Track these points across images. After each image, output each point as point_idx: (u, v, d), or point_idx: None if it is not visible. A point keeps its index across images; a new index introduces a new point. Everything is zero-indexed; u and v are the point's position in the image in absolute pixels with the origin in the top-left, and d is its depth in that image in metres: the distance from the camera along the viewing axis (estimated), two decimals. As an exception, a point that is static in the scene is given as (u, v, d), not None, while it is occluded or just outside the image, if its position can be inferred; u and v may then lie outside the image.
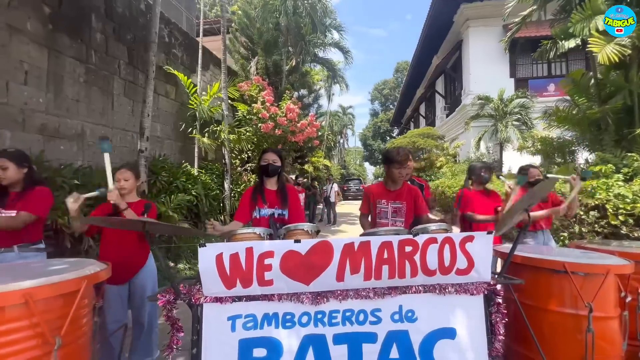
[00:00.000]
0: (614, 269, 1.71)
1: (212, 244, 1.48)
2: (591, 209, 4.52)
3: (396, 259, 1.56)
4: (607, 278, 1.69)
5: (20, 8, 3.72)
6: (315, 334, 1.57)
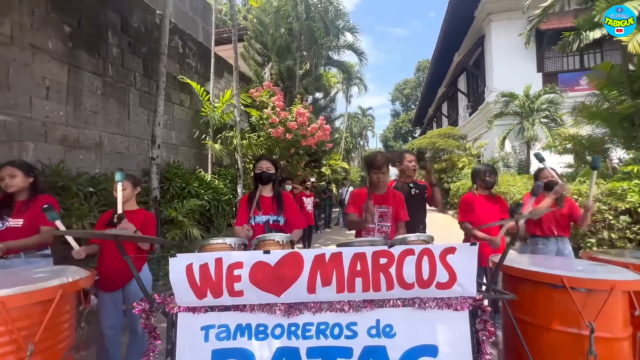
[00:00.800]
0: (621, 285, 1.53)
1: (182, 254, 1.49)
2: (621, 213, 4.14)
3: (370, 272, 1.49)
4: (612, 295, 1.52)
5: (42, 29, 4.01)
6: (289, 347, 1.53)
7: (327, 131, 7.25)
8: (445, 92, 22.08)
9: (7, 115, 3.64)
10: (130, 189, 2.34)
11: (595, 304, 1.55)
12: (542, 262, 2.02)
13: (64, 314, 1.49)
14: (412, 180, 2.94)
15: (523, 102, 11.94)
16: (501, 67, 14.38)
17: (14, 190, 2.26)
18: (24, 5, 3.82)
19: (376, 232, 2.29)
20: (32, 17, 3.90)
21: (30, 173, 2.35)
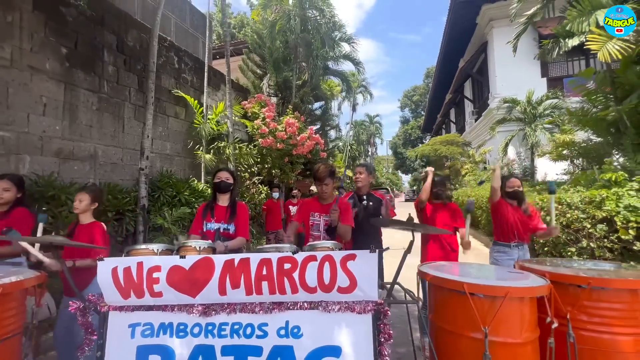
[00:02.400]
0: (514, 292, 1.60)
1: (109, 258, 1.68)
2: (599, 221, 4.09)
3: (275, 276, 1.62)
4: (506, 300, 1.59)
5: (41, 52, 4.39)
6: (205, 345, 1.67)
7: (316, 140, 7.42)
8: (452, 98, 21.94)
9: (5, 131, 4.00)
10: (87, 201, 2.47)
11: (491, 309, 1.62)
12: (455, 269, 2.10)
13: (6, 310, 1.69)
14: (366, 192, 3.05)
15: (524, 107, 11.79)
16: (504, 73, 14.26)
17: (2, 203, 2.51)
18: (24, 30, 4.22)
19: (322, 239, 2.42)
20: (31, 42, 4.29)
21: (21, 188, 2.60)
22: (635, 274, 1.79)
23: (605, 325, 1.73)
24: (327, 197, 2.49)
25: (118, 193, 4.74)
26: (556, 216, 4.65)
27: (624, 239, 3.88)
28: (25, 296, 1.86)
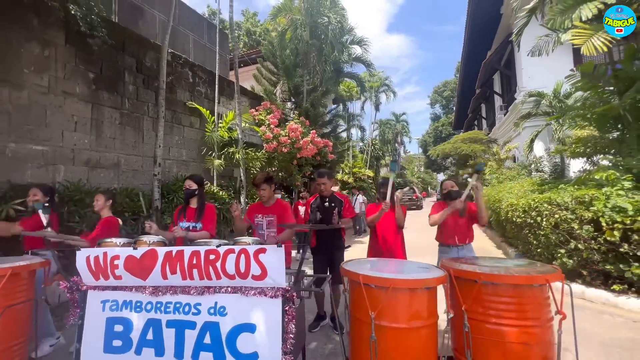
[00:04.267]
0: (399, 283, 1.83)
1: (85, 249, 2.18)
2: (586, 222, 3.98)
3: (202, 265, 2.01)
4: (391, 290, 1.83)
5: (72, 79, 5.23)
6: (155, 318, 2.11)
7: (319, 143, 7.74)
8: (480, 93, 20.98)
9: (44, 146, 4.86)
10: (102, 201, 3.14)
11: (380, 298, 1.87)
12: (366, 263, 2.33)
13: (18, 285, 2.26)
14: (329, 195, 3.34)
15: (550, 101, 11.09)
16: (531, 64, 13.43)
17: None
18: (59, 62, 5.07)
19: (267, 237, 2.78)
20: (64, 71, 5.14)
21: (48, 194, 3.28)
22: (524, 271, 1.92)
23: (496, 317, 1.89)
24: (267, 200, 2.86)
25: (134, 196, 5.46)
26: (545, 216, 4.55)
27: (610, 241, 3.74)
28: (33, 276, 2.44)
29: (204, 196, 3.11)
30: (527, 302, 1.85)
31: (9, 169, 4.43)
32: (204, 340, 2.02)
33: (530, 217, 4.85)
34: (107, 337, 2.15)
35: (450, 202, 2.97)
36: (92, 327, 2.18)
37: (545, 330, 1.86)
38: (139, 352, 2.10)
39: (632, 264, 3.63)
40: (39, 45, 4.83)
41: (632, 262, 3.64)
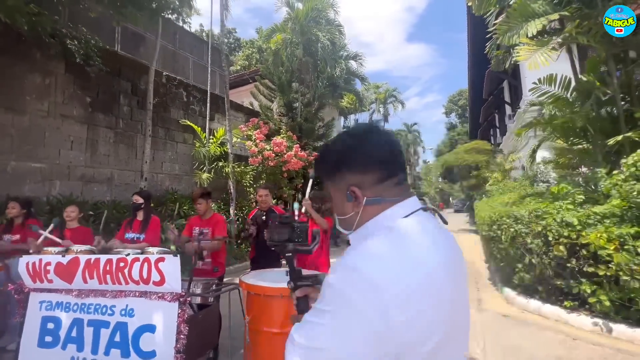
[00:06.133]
0: (270, 291, 2.03)
1: (26, 256, 2.54)
2: (536, 236, 3.96)
3: (114, 271, 2.30)
4: (263, 297, 2.03)
5: (70, 103, 5.88)
6: (79, 318, 2.42)
7: (302, 157, 8.02)
8: (491, 103, 20.57)
9: (42, 164, 5.46)
10: (76, 212, 3.54)
11: (255, 304, 2.07)
12: (259, 275, 2.53)
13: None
14: (267, 208, 3.57)
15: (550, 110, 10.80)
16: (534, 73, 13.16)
17: (13, 216, 3.68)
18: (58, 89, 5.73)
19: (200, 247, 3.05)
20: (63, 96, 5.79)
21: (26, 206, 3.75)
22: None
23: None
24: (203, 214, 3.13)
25: (122, 209, 5.95)
26: (504, 230, 4.53)
27: (559, 256, 3.69)
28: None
29: (150, 210, 3.44)
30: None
31: (9, 184, 5.02)
32: (114, 338, 2.29)
33: (493, 231, 4.83)
34: (41, 333, 2.47)
35: None
36: (31, 325, 2.51)
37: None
38: (65, 347, 2.40)
39: (581, 280, 3.56)
40: (40, 75, 5.50)
41: (580, 277, 3.57)
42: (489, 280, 5.87)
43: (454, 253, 0.64)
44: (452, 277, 0.58)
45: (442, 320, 0.54)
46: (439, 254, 0.58)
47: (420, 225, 0.61)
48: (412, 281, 0.52)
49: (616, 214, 3.48)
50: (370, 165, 0.65)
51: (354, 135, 0.69)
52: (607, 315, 3.40)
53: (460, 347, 0.59)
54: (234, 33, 32.24)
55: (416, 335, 0.51)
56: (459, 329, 0.59)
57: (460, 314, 0.60)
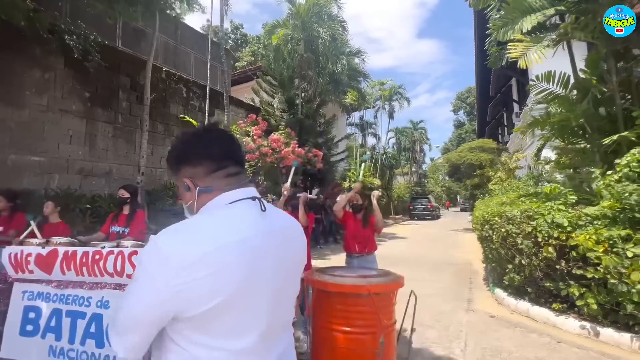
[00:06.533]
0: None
1: (8, 247, 2.61)
2: (526, 237, 3.89)
3: (89, 263, 2.35)
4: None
5: (69, 97, 5.98)
6: (58, 308, 2.47)
7: (300, 153, 8.02)
8: (498, 101, 20.20)
9: (41, 157, 5.58)
10: (52, 207, 3.60)
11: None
12: None
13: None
14: None
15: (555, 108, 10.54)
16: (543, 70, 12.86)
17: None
18: (57, 83, 5.83)
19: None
20: (62, 91, 5.90)
21: (12, 198, 3.85)
22: (359, 281, 2.03)
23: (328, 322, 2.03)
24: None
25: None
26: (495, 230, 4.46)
27: (548, 257, 3.62)
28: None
29: (137, 204, 3.49)
30: (354, 310, 1.97)
31: (8, 177, 5.15)
32: (90, 329, 2.34)
33: (485, 231, 4.76)
34: (23, 322, 2.54)
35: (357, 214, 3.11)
36: (13, 314, 2.58)
37: (372, 337, 1.96)
38: (44, 336, 2.46)
39: (569, 283, 3.49)
40: (40, 70, 5.60)
41: (568, 279, 3.49)
42: (483, 280, 5.81)
43: (270, 238, 0.71)
44: (254, 256, 0.66)
45: (225, 289, 0.61)
46: (239, 235, 0.66)
47: (236, 211, 0.70)
48: (195, 253, 0.60)
49: (607, 216, 3.39)
50: (201, 160, 0.75)
51: (189, 135, 0.79)
52: (595, 318, 3.33)
53: (259, 321, 0.67)
54: (241, 29, 32.27)
55: (193, 299, 0.60)
56: (259, 302, 0.67)
57: (266, 291, 0.68)
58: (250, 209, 0.72)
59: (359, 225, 3.07)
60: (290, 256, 0.77)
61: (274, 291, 0.70)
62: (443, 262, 7.46)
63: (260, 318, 0.67)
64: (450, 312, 4.10)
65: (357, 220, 3.11)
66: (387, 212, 23.26)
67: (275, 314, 0.71)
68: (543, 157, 8.34)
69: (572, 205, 3.76)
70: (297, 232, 0.83)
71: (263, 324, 0.67)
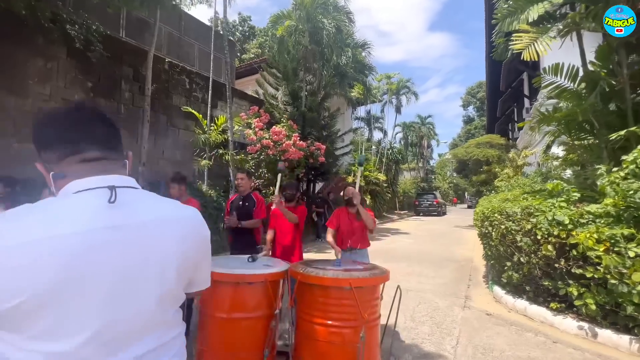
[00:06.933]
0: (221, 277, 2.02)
1: None
2: (525, 234, 3.79)
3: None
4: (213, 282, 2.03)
5: (72, 87, 6.02)
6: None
7: (302, 147, 7.96)
8: (509, 96, 19.71)
9: (44, 146, 5.66)
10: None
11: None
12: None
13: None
14: (245, 193, 3.57)
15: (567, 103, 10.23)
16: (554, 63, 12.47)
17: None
18: (60, 73, 5.88)
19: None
20: (65, 80, 5.94)
21: (9, 184, 3.92)
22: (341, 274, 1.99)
23: (309, 315, 2.00)
24: (177, 197, 3.15)
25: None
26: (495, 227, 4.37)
27: (547, 255, 3.52)
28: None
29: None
30: (335, 303, 1.94)
31: (11, 165, 5.23)
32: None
33: (485, 227, 4.66)
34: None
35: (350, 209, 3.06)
36: None
37: (354, 331, 1.93)
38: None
39: (569, 282, 3.39)
40: (43, 59, 5.64)
41: (567, 279, 3.39)
42: (483, 277, 5.72)
43: (115, 233, 0.64)
44: (79, 253, 0.60)
45: (33, 287, 0.56)
46: (66, 229, 0.60)
47: (75, 202, 0.64)
48: (12, 244, 0.56)
49: (611, 214, 3.26)
50: (53, 143, 0.69)
51: (44, 114, 0.72)
52: (594, 319, 3.24)
53: (88, 323, 0.61)
54: (249, 21, 32.08)
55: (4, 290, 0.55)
56: (87, 304, 0.61)
57: (99, 292, 0.62)
58: (96, 200, 0.65)
59: (352, 219, 3.03)
60: (149, 254, 0.68)
61: (115, 292, 0.63)
62: (444, 259, 7.37)
63: (88, 320, 0.61)
64: (446, 308, 4.05)
65: (351, 215, 3.06)
66: (392, 207, 23.11)
67: (119, 317, 0.64)
68: (551, 154, 8.11)
69: (574, 202, 3.64)
70: (174, 226, 0.72)
71: (93, 327, 0.61)
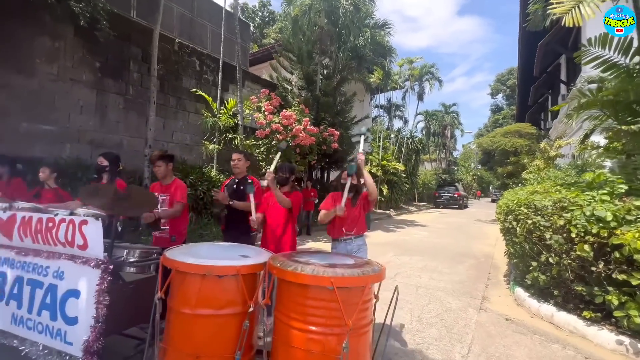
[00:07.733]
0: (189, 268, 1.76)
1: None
2: (557, 231, 3.28)
3: (43, 230, 2.17)
4: (178, 274, 1.76)
5: (79, 67, 5.95)
6: (20, 275, 2.36)
7: (313, 132, 7.59)
8: (542, 82, 18.18)
9: (53, 126, 5.65)
10: (48, 173, 3.58)
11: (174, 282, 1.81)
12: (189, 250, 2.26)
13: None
14: (241, 176, 3.29)
15: (612, 88, 9.15)
16: (599, 45, 11.19)
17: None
18: (67, 53, 5.80)
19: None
20: (72, 60, 5.87)
21: (6, 164, 3.85)
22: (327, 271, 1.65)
23: (285, 316, 1.70)
24: (162, 178, 2.92)
25: (127, 174, 6.05)
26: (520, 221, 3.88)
27: (582, 257, 3.01)
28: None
29: (115, 173, 3.30)
30: (314, 305, 1.62)
31: (20, 145, 5.25)
32: (46, 299, 2.20)
33: (508, 222, 4.15)
34: (-10, 286, 2.47)
35: None
36: (-17, 278, 2.52)
37: (337, 339, 1.60)
38: (8, 303, 2.37)
39: (607, 289, 2.89)
40: (50, 38, 5.57)
41: (606, 285, 2.89)
42: (504, 277, 5.21)
43: None
44: None
45: None
46: None
47: None
48: None
49: (667, 211, 2.70)
50: None
51: None
52: (637, 333, 2.74)
53: None
54: (269, 6, 31.54)
55: None
56: None
57: None
58: None
59: (348, 204, 2.67)
60: None
61: None
62: (462, 254, 6.87)
63: None
64: (459, 309, 3.64)
65: (347, 200, 2.70)
66: (411, 198, 22.38)
67: None
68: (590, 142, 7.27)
69: (620, 196, 3.08)
70: None
71: None
